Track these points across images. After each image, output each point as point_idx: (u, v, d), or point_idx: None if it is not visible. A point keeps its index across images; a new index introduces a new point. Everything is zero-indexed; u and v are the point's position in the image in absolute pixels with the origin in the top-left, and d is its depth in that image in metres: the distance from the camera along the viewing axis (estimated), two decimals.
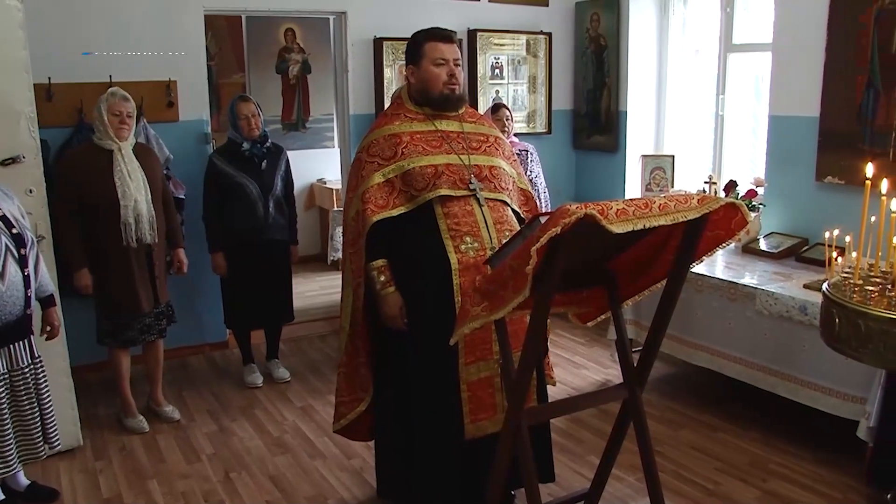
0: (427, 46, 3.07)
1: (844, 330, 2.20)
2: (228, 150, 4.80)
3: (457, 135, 3.13)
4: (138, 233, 4.11)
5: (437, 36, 3.08)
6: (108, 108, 4.08)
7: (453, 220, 2.97)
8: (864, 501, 3.49)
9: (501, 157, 3.21)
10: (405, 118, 3.12)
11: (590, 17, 6.32)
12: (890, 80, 4.31)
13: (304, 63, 8.07)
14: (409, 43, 3.15)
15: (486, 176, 3.08)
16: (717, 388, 4.69)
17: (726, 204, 2.41)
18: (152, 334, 4.34)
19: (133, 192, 4.09)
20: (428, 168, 2.99)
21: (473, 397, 3.01)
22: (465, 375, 2.99)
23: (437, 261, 2.95)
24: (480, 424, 3.02)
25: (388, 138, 3.05)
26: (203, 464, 3.97)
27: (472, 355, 3.00)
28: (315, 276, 7.66)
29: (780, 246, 4.77)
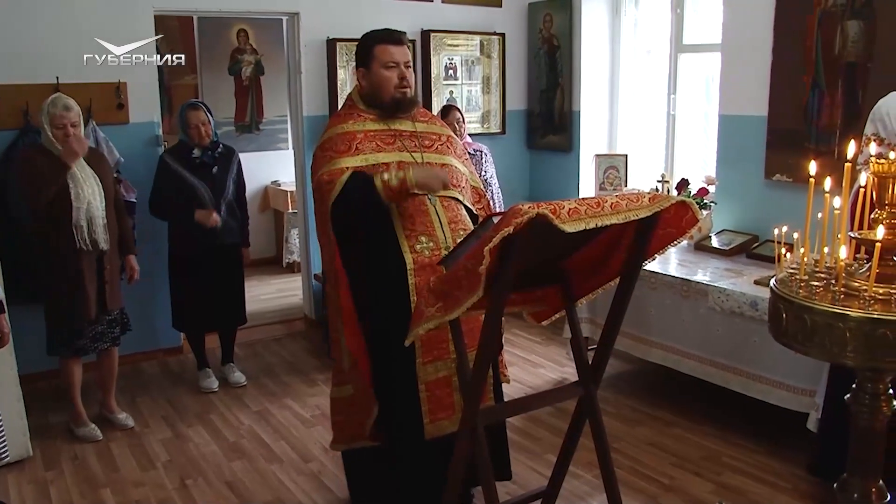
0: (377, 49, 3.06)
1: (791, 325, 2.23)
2: (180, 152, 4.74)
3: (409, 134, 3.14)
4: (91, 236, 4.03)
5: (387, 38, 3.07)
6: (50, 122, 3.97)
7: (409, 220, 2.97)
8: (812, 491, 3.56)
9: (453, 156, 3.22)
10: (358, 118, 3.11)
11: (543, 17, 6.37)
12: (833, 80, 4.41)
13: (258, 64, 8.00)
14: (359, 45, 3.14)
15: None
16: (671, 385, 4.75)
17: (677, 202, 2.44)
18: (105, 342, 4.26)
19: (87, 194, 4.01)
20: (381, 165, 2.99)
21: (432, 397, 3.00)
22: (422, 375, 2.99)
23: (392, 261, 2.94)
24: (440, 424, 3.01)
25: (342, 136, 3.04)
26: (158, 471, 3.91)
27: (430, 354, 3.00)
28: (270, 279, 7.61)
29: (731, 243, 4.85)
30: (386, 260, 2.96)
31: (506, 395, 3.43)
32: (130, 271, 4.44)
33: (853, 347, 2.10)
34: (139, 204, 4.89)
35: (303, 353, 5.57)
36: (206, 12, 5.63)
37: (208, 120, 4.73)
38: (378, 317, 3.02)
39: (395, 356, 2.96)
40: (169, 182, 4.68)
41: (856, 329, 2.09)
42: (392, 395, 3.04)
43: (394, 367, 3.01)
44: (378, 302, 3.01)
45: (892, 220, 2.24)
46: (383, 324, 3.00)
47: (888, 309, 2.09)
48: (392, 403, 3.05)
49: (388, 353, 3.00)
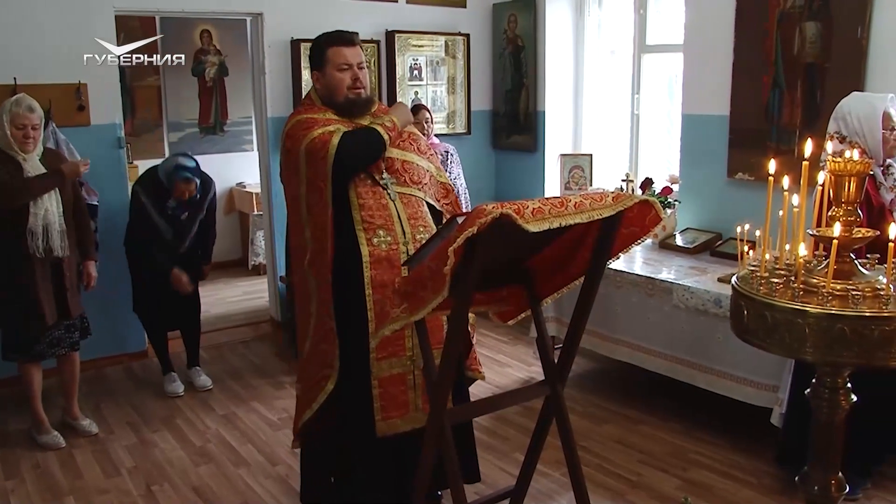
0: (330, 51, 3.04)
1: (752, 321, 2.26)
2: (154, 191, 4.68)
3: None
4: (48, 243, 3.97)
5: (340, 40, 3.06)
6: (10, 121, 3.89)
7: (367, 213, 2.96)
8: (777, 484, 3.61)
9: (415, 153, 3.20)
10: (322, 117, 3.07)
11: (507, 18, 6.38)
12: (793, 80, 4.48)
13: (221, 65, 7.93)
14: (313, 47, 3.12)
15: (398, 169, 3.08)
16: (638, 382, 4.79)
17: (640, 201, 2.46)
18: (63, 347, 4.19)
19: (44, 201, 3.95)
20: None
21: (385, 394, 2.99)
22: (376, 370, 2.98)
23: (348, 252, 2.93)
24: (392, 422, 3.00)
25: (304, 121, 3.02)
26: (123, 478, 3.86)
27: (385, 351, 2.98)
28: (236, 282, 7.55)
29: (695, 241, 4.90)
30: (340, 250, 2.94)
31: (473, 394, 3.44)
32: (87, 278, 4.33)
33: (812, 343, 2.14)
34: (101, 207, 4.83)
35: (269, 356, 5.53)
36: (169, 12, 5.57)
37: (196, 186, 4.70)
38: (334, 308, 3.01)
39: (349, 349, 2.96)
40: (138, 218, 4.68)
41: (814, 325, 2.13)
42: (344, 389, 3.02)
43: (348, 360, 3.00)
44: (334, 293, 2.98)
45: (848, 218, 2.29)
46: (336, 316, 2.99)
47: (845, 305, 2.13)
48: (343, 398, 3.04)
49: (343, 346, 2.98)
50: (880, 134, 3.30)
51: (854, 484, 3.29)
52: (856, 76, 4.15)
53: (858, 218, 2.32)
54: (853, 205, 2.31)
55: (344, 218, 2.96)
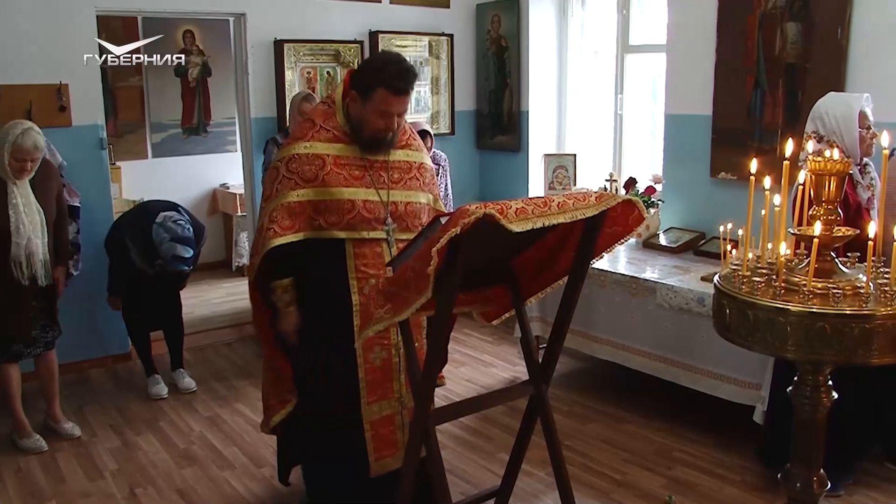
0: (379, 93, 2.83)
1: (735, 320, 2.28)
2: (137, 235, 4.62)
3: (381, 164, 3.02)
4: (31, 270, 3.97)
5: (394, 87, 2.83)
6: (12, 152, 3.84)
7: (362, 261, 2.94)
8: (760, 482, 3.64)
9: (421, 189, 3.12)
10: (333, 135, 2.95)
11: (490, 18, 6.40)
12: (774, 80, 4.52)
13: (204, 65, 7.89)
14: (365, 71, 2.91)
15: (402, 213, 3.01)
16: (622, 381, 4.81)
17: (623, 201, 2.47)
18: (38, 347, 4.15)
19: (27, 230, 3.93)
20: (346, 203, 2.90)
21: (376, 435, 3.05)
22: (367, 415, 3.03)
23: (338, 299, 2.95)
24: (384, 462, 3.07)
25: (311, 158, 2.90)
26: (106, 481, 3.83)
27: (374, 394, 3.04)
28: (220, 283, 7.51)
29: (678, 240, 4.93)
30: (330, 296, 2.97)
31: (457, 394, 3.44)
32: (56, 283, 4.27)
33: (794, 341, 2.16)
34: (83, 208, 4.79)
35: (253, 358, 5.50)
36: (151, 13, 5.53)
37: None
38: (321, 353, 3.04)
39: (340, 396, 3.02)
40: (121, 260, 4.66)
41: (796, 323, 2.15)
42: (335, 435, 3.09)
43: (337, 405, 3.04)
44: (322, 339, 3.02)
45: (828, 217, 2.31)
46: (324, 360, 3.03)
47: (826, 303, 2.15)
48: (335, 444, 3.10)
49: (331, 392, 3.04)
50: (857, 133, 3.33)
51: (836, 480, 3.31)
52: (836, 76, 4.19)
53: (838, 217, 2.35)
54: (833, 204, 2.33)
55: (335, 263, 2.95)
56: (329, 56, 5.77)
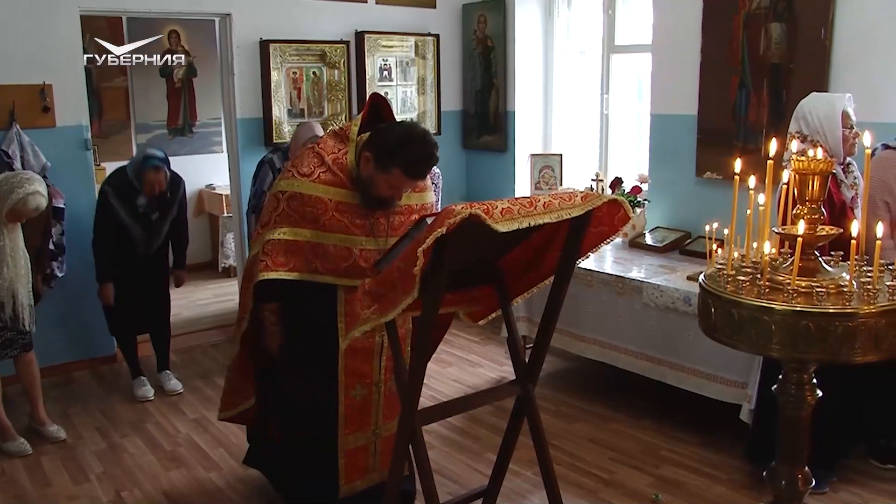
0: (395, 172, 2.80)
1: (720, 319, 2.29)
2: (123, 192, 4.59)
3: (382, 211, 3.00)
4: (15, 310, 3.96)
5: (411, 172, 2.82)
6: (11, 209, 3.81)
7: (352, 307, 2.93)
8: (747, 480, 3.65)
9: None
10: (339, 180, 2.90)
11: (477, 18, 6.40)
12: (759, 80, 4.54)
13: (190, 66, 7.86)
14: (387, 142, 2.82)
15: None
16: (609, 380, 4.82)
17: (609, 200, 2.47)
18: (15, 349, 4.12)
19: (9, 273, 3.91)
20: (342, 250, 2.90)
21: (349, 463, 3.15)
22: (343, 444, 3.11)
23: (326, 340, 3.00)
24: (354, 485, 3.19)
25: (314, 200, 2.86)
26: (92, 484, 3.81)
27: (352, 427, 3.11)
28: (206, 284, 7.47)
29: (664, 240, 4.95)
30: (318, 337, 3.02)
31: (445, 394, 3.44)
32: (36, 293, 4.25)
33: (778, 340, 2.17)
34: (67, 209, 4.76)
35: None
36: (136, 13, 5.51)
37: (166, 176, 4.61)
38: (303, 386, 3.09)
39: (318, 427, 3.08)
40: (107, 219, 4.59)
41: (780, 322, 2.16)
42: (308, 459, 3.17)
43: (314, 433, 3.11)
44: (304, 373, 3.07)
45: (812, 216, 2.32)
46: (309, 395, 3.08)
47: (810, 302, 2.16)
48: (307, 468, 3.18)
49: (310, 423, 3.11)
50: (840, 133, 3.35)
51: (821, 478, 3.34)
52: (819, 76, 4.22)
53: (822, 216, 2.36)
54: (817, 203, 2.34)
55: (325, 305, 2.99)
56: (315, 56, 5.76)
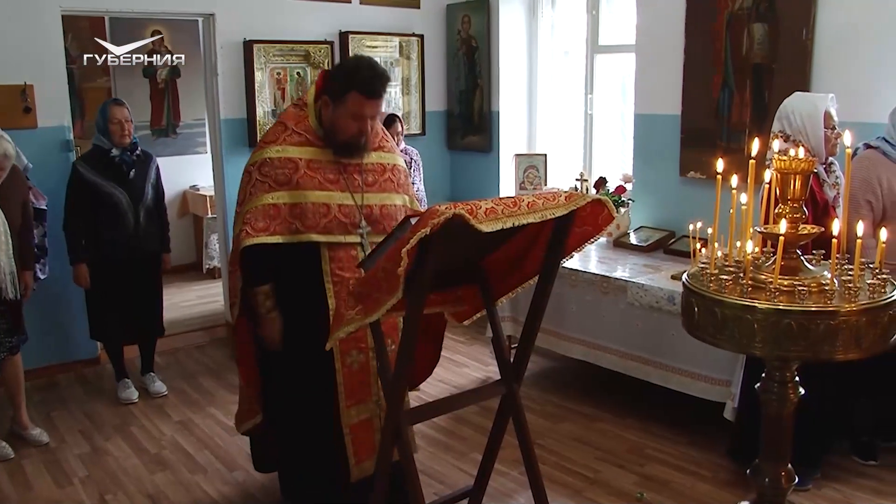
0: (352, 97, 2.83)
1: (703, 318, 2.31)
2: (94, 158, 4.59)
3: (355, 167, 3.01)
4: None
5: (368, 91, 2.84)
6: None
7: (337, 265, 2.94)
8: (731, 478, 3.67)
9: (395, 191, 3.13)
10: (305, 139, 2.94)
11: (461, 19, 6.40)
12: (742, 80, 4.57)
13: (173, 66, 7.82)
14: (337, 74, 2.92)
15: (377, 217, 3.02)
16: (594, 380, 4.83)
17: (593, 200, 2.48)
18: (2, 352, 4.08)
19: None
20: (321, 206, 2.89)
21: (356, 439, 3.04)
22: (346, 419, 3.02)
23: (314, 303, 2.94)
24: (363, 466, 3.05)
25: (284, 161, 2.88)
26: (75, 488, 3.78)
27: (352, 398, 3.02)
28: (191, 286, 7.45)
29: (648, 239, 4.96)
30: (308, 302, 2.96)
31: (430, 395, 3.45)
32: (24, 288, 4.19)
33: (761, 338, 2.19)
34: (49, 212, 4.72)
35: (225, 360, 5.46)
36: (118, 13, 5.47)
37: (131, 119, 4.61)
38: (296, 358, 3.03)
39: (317, 401, 3.00)
40: (83, 193, 4.53)
41: (763, 320, 2.17)
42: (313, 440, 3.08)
43: (314, 411, 3.04)
44: (297, 343, 3.01)
45: (794, 215, 2.34)
46: (301, 365, 3.02)
47: (792, 300, 2.18)
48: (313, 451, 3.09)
49: (308, 397, 3.03)
50: (822, 132, 3.38)
51: (804, 475, 3.36)
52: (801, 76, 4.25)
53: (804, 215, 2.38)
54: (799, 202, 2.36)
55: (311, 267, 2.94)
56: (299, 57, 5.75)
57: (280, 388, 3.14)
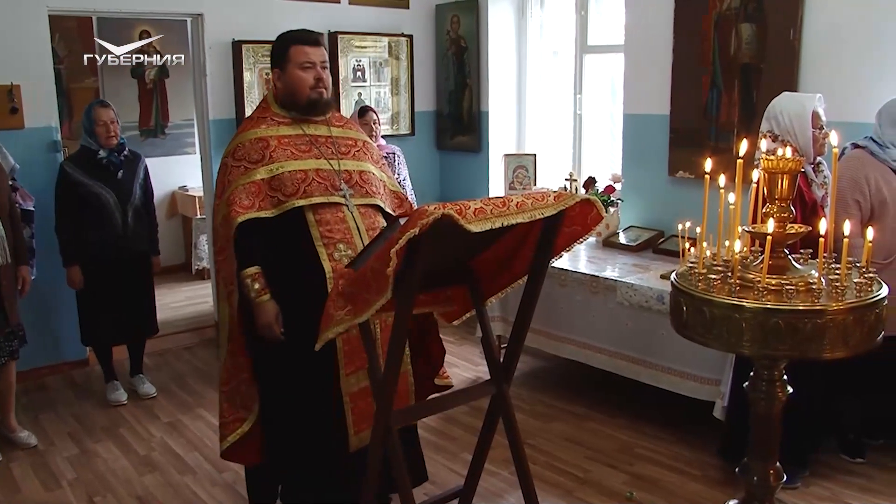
0: (293, 50, 3.00)
1: (692, 317, 2.32)
2: (82, 158, 4.58)
3: (325, 139, 3.09)
4: None
5: (303, 39, 3.02)
6: None
7: (325, 228, 2.93)
8: (721, 476, 3.68)
9: (370, 162, 3.19)
10: (272, 122, 3.04)
11: (450, 19, 6.40)
12: (730, 80, 4.58)
13: (162, 66, 7.79)
14: (275, 45, 3.08)
15: (357, 181, 3.05)
16: (584, 379, 4.84)
17: (582, 200, 2.48)
18: (2, 357, 4.07)
19: None
20: (298, 173, 2.93)
21: (356, 408, 2.99)
22: (345, 387, 2.96)
23: (311, 270, 2.90)
24: (363, 435, 2.99)
25: (255, 142, 2.97)
26: (64, 490, 3.76)
27: (352, 365, 2.97)
28: (180, 287, 7.42)
29: (638, 239, 4.98)
30: (303, 269, 2.92)
31: None
32: (22, 283, 4.19)
33: (749, 337, 2.20)
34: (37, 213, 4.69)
35: (215, 361, 5.44)
36: (105, 12, 5.45)
37: (117, 119, 4.59)
38: (296, 328, 2.95)
39: (317, 368, 2.93)
40: (71, 194, 4.52)
41: (751, 319, 2.18)
42: (311, 409, 3.00)
43: (315, 379, 2.96)
44: (296, 313, 2.94)
45: (781, 214, 2.35)
46: (303, 335, 2.94)
47: (780, 299, 2.19)
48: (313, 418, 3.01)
49: (308, 366, 2.94)
50: (810, 132, 3.39)
51: (792, 473, 3.38)
52: (789, 76, 4.27)
53: (791, 214, 2.39)
54: (786, 201, 2.37)
55: (300, 236, 2.92)
56: None
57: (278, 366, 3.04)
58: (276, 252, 2.95)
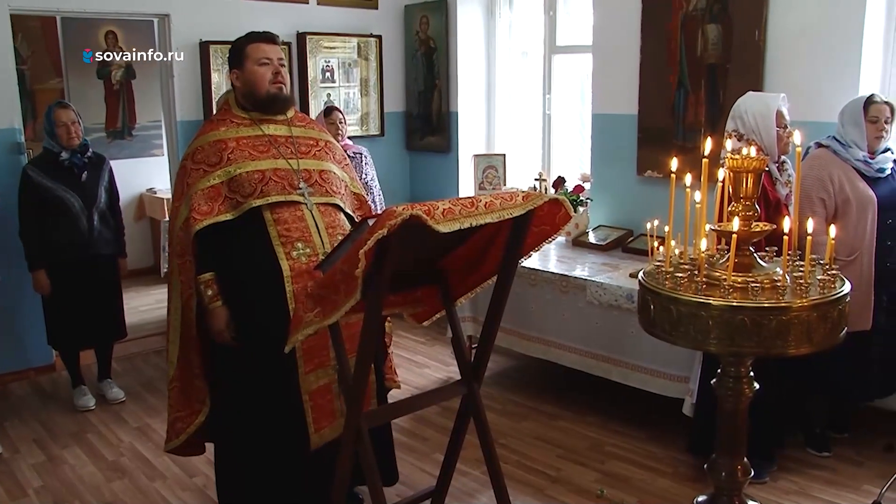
0: (250, 48, 3.04)
1: (659, 315, 2.34)
2: (45, 161, 4.51)
3: (285, 139, 3.10)
4: None
5: (259, 37, 3.06)
6: None
7: (283, 227, 2.93)
8: (691, 472, 3.72)
9: (332, 162, 3.19)
10: (231, 123, 3.05)
11: (419, 19, 6.40)
12: (697, 80, 4.63)
13: (128, 68, 7.71)
14: (232, 48, 3.11)
15: (316, 180, 3.06)
16: (555, 378, 4.86)
17: (550, 200, 2.49)
18: None
19: None
20: (255, 174, 2.93)
21: (315, 406, 2.97)
22: (305, 385, 2.95)
23: (268, 269, 2.89)
24: (323, 433, 2.98)
25: (214, 144, 2.97)
26: (30, 498, 3.70)
27: (311, 363, 2.96)
28: (148, 290, 7.34)
29: (607, 238, 5.01)
30: (260, 269, 2.91)
31: (392, 396, 3.43)
32: None
33: (715, 335, 2.22)
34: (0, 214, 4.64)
35: None
36: (69, 13, 5.38)
37: (78, 120, 4.53)
38: (254, 328, 2.95)
39: (275, 368, 2.91)
40: (35, 199, 4.45)
41: (717, 317, 2.21)
42: (270, 408, 2.98)
43: (273, 378, 2.94)
44: (254, 312, 2.94)
45: (746, 213, 2.37)
46: (260, 335, 2.94)
47: (746, 296, 2.21)
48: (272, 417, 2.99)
49: (267, 365, 2.93)
50: (775, 132, 3.43)
51: (760, 468, 3.42)
52: (754, 76, 4.32)
53: (756, 212, 2.42)
54: (751, 200, 2.40)
55: (258, 236, 2.91)
56: None
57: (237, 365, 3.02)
58: (236, 253, 2.94)
